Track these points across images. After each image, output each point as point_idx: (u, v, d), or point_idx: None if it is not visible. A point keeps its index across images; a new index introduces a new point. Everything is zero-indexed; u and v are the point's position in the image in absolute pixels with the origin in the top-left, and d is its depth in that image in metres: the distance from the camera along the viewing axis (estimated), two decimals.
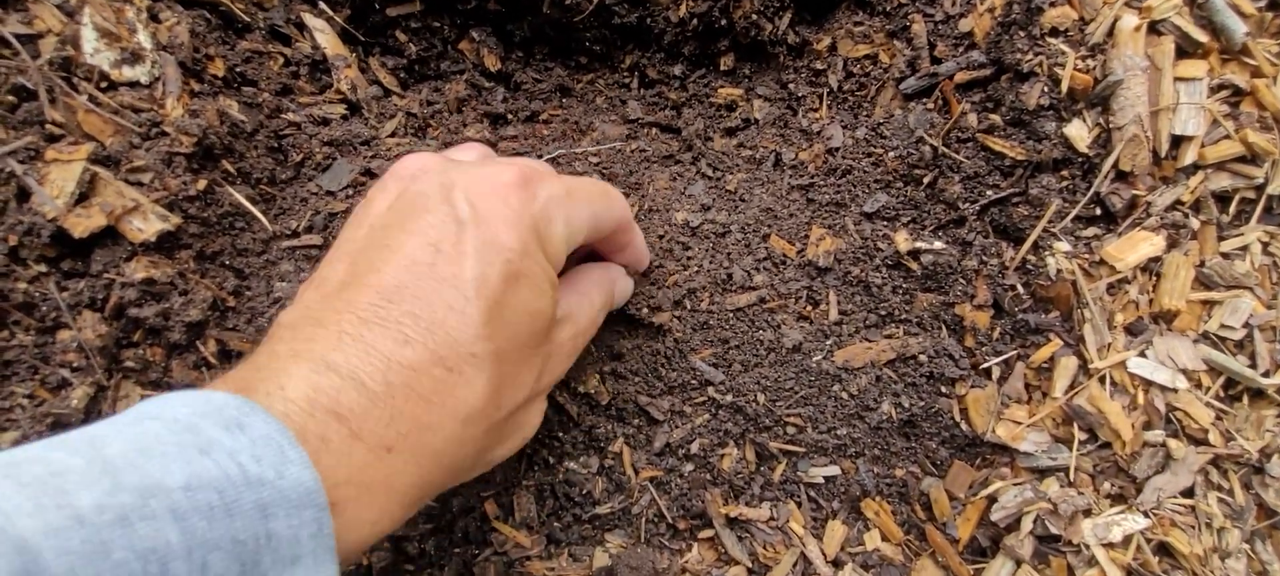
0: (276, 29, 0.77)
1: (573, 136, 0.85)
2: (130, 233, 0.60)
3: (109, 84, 0.63)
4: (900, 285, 0.69)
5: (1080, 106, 0.62)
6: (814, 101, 0.78)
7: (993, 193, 0.66)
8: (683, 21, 0.79)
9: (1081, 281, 0.62)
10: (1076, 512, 0.60)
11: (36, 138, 0.59)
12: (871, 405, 0.68)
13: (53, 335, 0.60)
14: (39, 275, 0.59)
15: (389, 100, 0.81)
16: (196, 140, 0.64)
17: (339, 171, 0.75)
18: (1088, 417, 0.61)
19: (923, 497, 0.67)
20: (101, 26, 0.63)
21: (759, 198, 0.76)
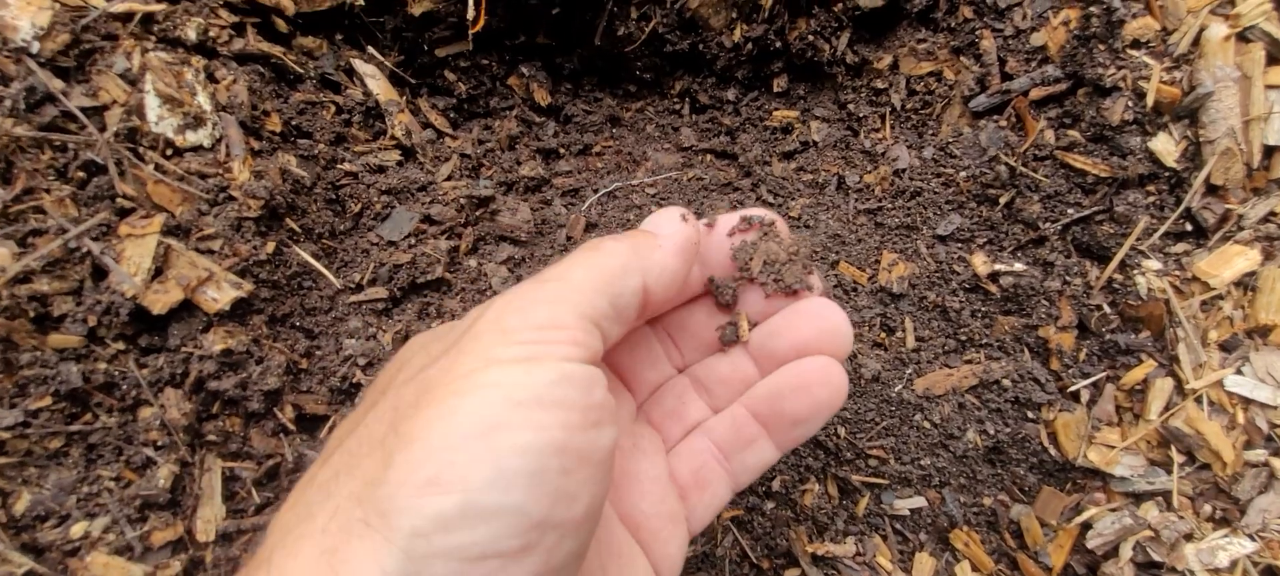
0: (327, 77, 0.76)
1: (627, 167, 0.84)
2: (205, 303, 0.60)
3: (174, 150, 0.62)
4: (979, 309, 0.68)
5: (1166, 120, 0.61)
6: (876, 122, 0.77)
7: (1075, 211, 0.64)
8: (737, 45, 0.78)
9: (1174, 299, 0.61)
10: (1179, 538, 0.59)
11: (108, 213, 0.58)
12: (955, 433, 0.67)
13: (135, 413, 0.59)
14: (118, 353, 0.58)
15: (442, 143, 0.80)
16: (264, 203, 0.63)
17: (399, 220, 0.75)
18: (1186, 439, 0.60)
19: (1013, 526, 0.66)
20: (164, 92, 0.62)
21: (825, 223, 0.75)
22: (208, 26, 0.66)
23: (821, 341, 0.40)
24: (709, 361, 0.45)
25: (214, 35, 0.67)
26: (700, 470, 0.42)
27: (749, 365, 0.43)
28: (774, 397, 0.41)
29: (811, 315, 0.41)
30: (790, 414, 0.41)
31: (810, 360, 0.40)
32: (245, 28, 0.69)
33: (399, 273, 0.72)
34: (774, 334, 0.42)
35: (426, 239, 0.74)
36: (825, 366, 0.40)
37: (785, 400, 0.41)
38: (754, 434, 0.42)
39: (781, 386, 0.41)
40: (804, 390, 0.40)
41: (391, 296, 0.71)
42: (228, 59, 0.68)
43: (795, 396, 0.40)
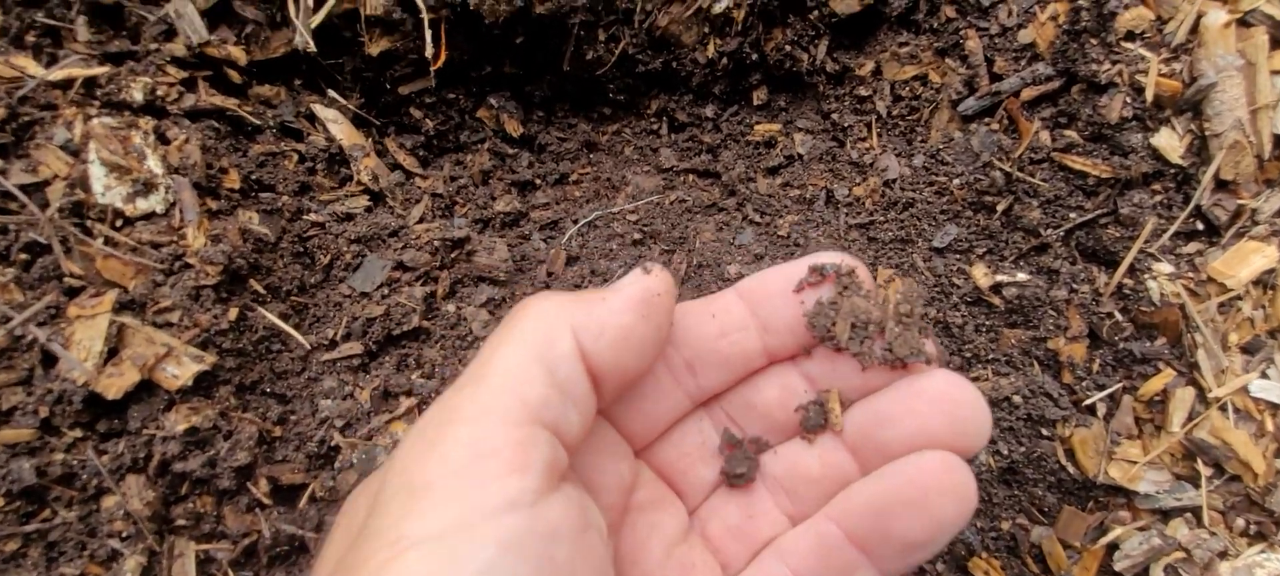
0: (287, 125, 0.73)
1: (606, 194, 0.81)
2: (165, 381, 0.56)
3: (124, 221, 0.59)
4: (983, 323, 0.65)
5: (1168, 114, 0.57)
6: (861, 131, 0.73)
7: (1077, 215, 0.61)
8: (712, 61, 0.75)
9: (1189, 303, 0.57)
10: (1213, 557, 0.55)
11: (56, 294, 0.55)
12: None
13: (97, 503, 0.56)
14: (75, 442, 0.55)
15: (412, 183, 0.77)
16: (222, 268, 0.60)
17: (370, 269, 0.71)
18: (1212, 451, 0.57)
19: (1034, 549, 0.63)
20: (109, 160, 0.58)
21: (815, 240, 0.72)
22: (155, 85, 0.63)
23: (949, 432, 0.29)
24: (788, 451, 0.34)
25: (163, 94, 0.63)
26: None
27: (845, 457, 0.33)
28: (879, 513, 0.30)
29: (933, 396, 0.30)
30: (902, 536, 0.30)
31: (927, 459, 0.29)
32: (196, 82, 0.66)
33: (373, 325, 0.68)
34: (882, 420, 0.31)
35: (400, 287, 0.70)
36: (947, 468, 0.29)
37: (895, 517, 0.30)
38: (852, 561, 0.31)
39: (889, 497, 0.30)
40: (920, 504, 0.29)
41: (367, 351, 0.68)
42: (179, 117, 0.65)
43: (909, 513, 0.29)
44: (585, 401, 0.29)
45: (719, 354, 0.33)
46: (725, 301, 0.34)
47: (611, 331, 0.29)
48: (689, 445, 0.35)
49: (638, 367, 0.31)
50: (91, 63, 0.61)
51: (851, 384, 0.33)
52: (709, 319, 0.33)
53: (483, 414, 0.25)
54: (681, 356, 0.34)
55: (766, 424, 0.35)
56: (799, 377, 0.34)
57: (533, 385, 0.26)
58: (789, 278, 0.33)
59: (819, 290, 0.33)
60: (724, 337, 0.33)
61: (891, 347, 0.31)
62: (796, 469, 0.34)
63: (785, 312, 0.33)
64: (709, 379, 0.34)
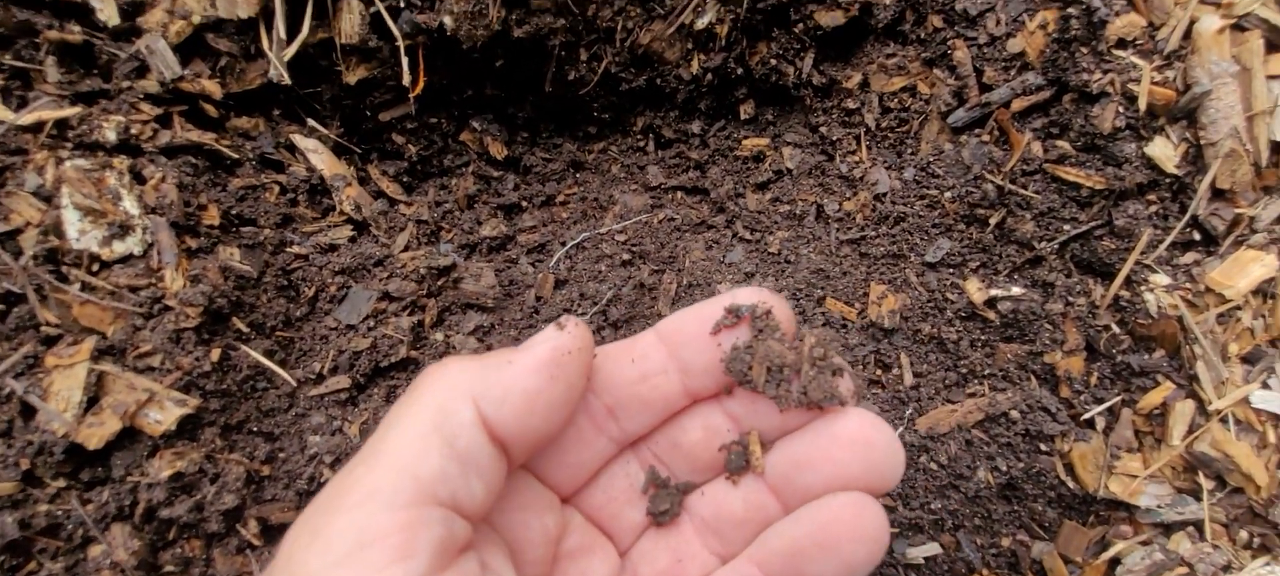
0: (267, 157, 0.72)
1: (594, 215, 0.80)
2: (148, 427, 0.56)
3: (101, 265, 0.58)
4: (978, 338, 0.64)
5: (1162, 123, 0.56)
6: (850, 144, 0.72)
7: (1071, 227, 0.60)
8: (696, 77, 0.74)
9: (1187, 314, 0.56)
10: (1216, 571, 0.54)
11: (33, 344, 0.54)
12: (965, 473, 0.63)
13: (84, 552, 0.55)
14: (59, 492, 0.54)
15: (396, 211, 0.76)
16: (203, 309, 0.59)
17: (356, 301, 0.70)
18: (1214, 463, 0.56)
19: (1036, 565, 0.62)
20: (83, 204, 0.57)
21: (806, 257, 0.70)
22: (129, 123, 0.62)
23: (864, 473, 0.30)
24: (714, 492, 0.34)
25: (137, 132, 0.62)
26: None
27: (768, 498, 0.33)
28: (792, 557, 0.31)
29: (848, 438, 0.30)
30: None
31: (840, 503, 0.30)
32: (171, 118, 0.65)
33: (361, 358, 0.67)
34: (800, 463, 0.32)
35: (386, 318, 0.70)
36: (858, 511, 0.30)
37: (809, 560, 0.30)
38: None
39: (802, 541, 0.30)
40: (832, 548, 0.29)
41: (355, 384, 0.67)
42: (154, 154, 0.63)
43: (821, 555, 0.30)
44: (491, 469, 0.28)
45: (640, 398, 0.33)
46: (644, 344, 0.34)
47: (516, 396, 0.28)
48: (617, 489, 0.35)
49: (547, 429, 0.30)
50: (62, 104, 0.59)
51: (772, 424, 0.33)
52: (629, 364, 0.33)
53: (368, 498, 0.24)
54: (603, 402, 0.33)
55: (692, 463, 0.35)
56: (722, 416, 0.34)
57: (427, 460, 0.25)
58: (706, 319, 0.33)
59: (735, 332, 0.33)
60: (645, 382, 0.33)
61: (806, 391, 0.32)
62: (722, 510, 0.34)
63: (703, 356, 0.33)
64: (632, 423, 0.34)
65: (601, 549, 0.35)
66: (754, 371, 0.32)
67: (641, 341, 0.34)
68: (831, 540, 0.30)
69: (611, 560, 0.35)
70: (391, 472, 0.25)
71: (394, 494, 0.24)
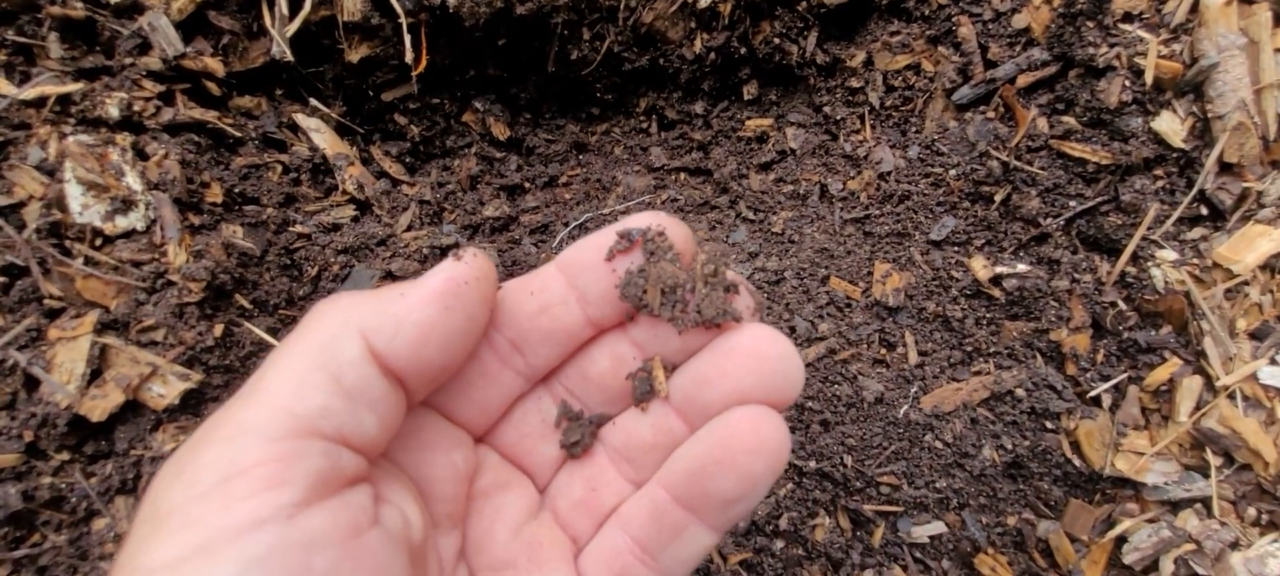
0: (269, 136, 0.72)
1: (596, 196, 0.79)
2: (151, 401, 0.56)
3: (104, 239, 0.58)
4: (984, 316, 0.63)
5: (1169, 97, 0.56)
6: (854, 123, 0.72)
7: (1077, 203, 0.59)
8: (699, 57, 0.73)
9: (1194, 289, 0.56)
10: (1224, 548, 0.54)
11: (36, 317, 0.54)
12: (970, 451, 0.62)
13: (87, 525, 0.55)
14: (63, 464, 0.54)
15: (399, 191, 0.76)
16: (205, 284, 0.59)
17: (359, 280, 0.70)
18: (1221, 440, 0.55)
19: (1041, 544, 0.61)
20: (86, 179, 0.57)
21: (810, 237, 0.70)
22: (131, 100, 0.62)
23: (761, 386, 0.30)
24: (625, 421, 0.34)
25: (139, 109, 0.62)
26: (622, 575, 0.33)
27: (675, 421, 0.33)
28: (695, 476, 0.31)
29: (744, 353, 0.30)
30: (718, 494, 0.30)
31: (737, 417, 0.30)
32: (174, 96, 0.65)
33: None
34: (701, 382, 0.31)
35: None
36: (755, 424, 0.30)
37: (709, 478, 0.30)
38: (681, 521, 0.32)
39: (701, 458, 0.31)
40: (729, 462, 0.30)
41: None
42: (157, 132, 0.63)
43: (721, 471, 0.30)
44: (385, 403, 0.27)
45: (541, 330, 0.33)
46: (543, 277, 0.33)
47: (409, 328, 0.27)
48: (530, 425, 0.35)
49: (446, 362, 0.30)
50: (65, 80, 0.59)
51: (674, 347, 0.33)
52: (528, 296, 0.33)
53: (239, 432, 0.24)
54: (506, 337, 0.33)
55: (604, 394, 0.35)
56: (628, 345, 0.34)
57: (308, 397, 0.25)
58: (601, 247, 0.32)
59: (629, 257, 0.32)
60: (545, 313, 0.32)
61: (700, 309, 0.31)
62: (632, 437, 0.34)
63: (600, 283, 0.32)
64: (538, 356, 0.33)
65: (518, 485, 0.35)
66: (649, 295, 0.31)
67: (541, 274, 0.33)
68: (730, 454, 0.30)
69: (529, 495, 0.35)
70: (267, 409, 0.24)
71: (267, 428, 0.24)
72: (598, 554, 0.34)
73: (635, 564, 0.33)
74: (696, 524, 0.32)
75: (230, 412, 0.25)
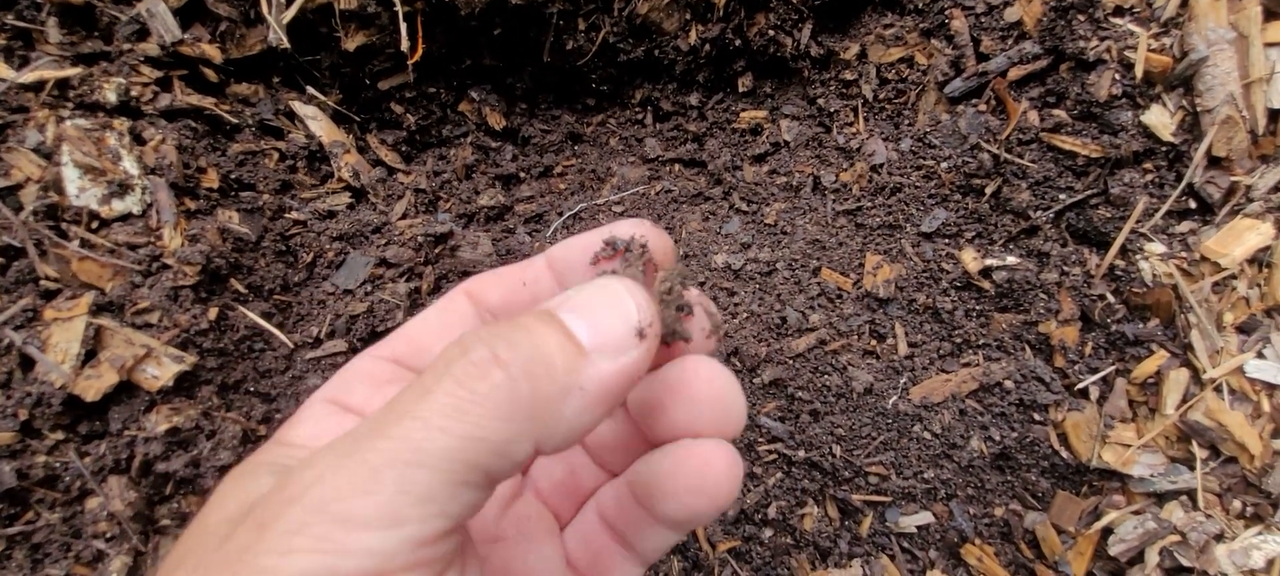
0: (266, 123, 0.72)
1: (591, 186, 0.80)
2: (145, 382, 0.56)
3: (100, 222, 0.59)
4: (973, 308, 0.64)
5: (1159, 90, 0.56)
6: (848, 115, 0.72)
7: (1067, 196, 0.59)
8: (694, 49, 0.74)
9: (1182, 282, 0.56)
10: (1208, 540, 0.54)
11: (32, 297, 0.55)
12: (958, 442, 0.63)
13: (81, 504, 0.56)
14: (57, 444, 0.55)
15: (394, 179, 0.76)
16: (201, 268, 0.60)
17: (353, 266, 0.71)
18: (1207, 433, 0.55)
19: (1028, 535, 0.62)
20: (83, 162, 0.58)
21: (803, 228, 0.71)
22: (129, 85, 0.62)
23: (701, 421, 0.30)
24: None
25: (137, 94, 0.63)
26: (599, 555, 0.34)
27: (635, 430, 0.34)
28: (650, 492, 0.32)
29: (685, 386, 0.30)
30: (668, 516, 0.31)
31: (684, 451, 0.30)
32: (171, 82, 0.66)
33: (357, 322, 0.68)
34: (649, 408, 0.32)
35: (384, 283, 0.70)
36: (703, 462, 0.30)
37: (660, 499, 0.31)
38: (644, 519, 0.33)
39: (657, 480, 0.31)
40: (674, 496, 0.30)
41: (351, 348, 0.67)
42: (154, 117, 0.64)
43: (666, 499, 0.31)
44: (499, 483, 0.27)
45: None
46: (536, 269, 0.34)
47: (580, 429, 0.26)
48: None
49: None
50: (63, 64, 0.60)
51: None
52: (521, 286, 0.34)
53: (416, 461, 0.22)
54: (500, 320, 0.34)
55: None
56: None
57: (457, 488, 0.23)
58: (588, 248, 0.33)
59: (612, 264, 0.32)
60: (535, 304, 0.32)
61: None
62: (597, 436, 0.35)
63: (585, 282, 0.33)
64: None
65: None
66: None
67: (533, 264, 0.34)
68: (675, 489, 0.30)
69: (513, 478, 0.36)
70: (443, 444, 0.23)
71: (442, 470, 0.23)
72: (579, 531, 0.35)
73: (611, 543, 0.34)
74: (656, 525, 0.33)
75: (404, 428, 0.23)
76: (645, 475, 0.32)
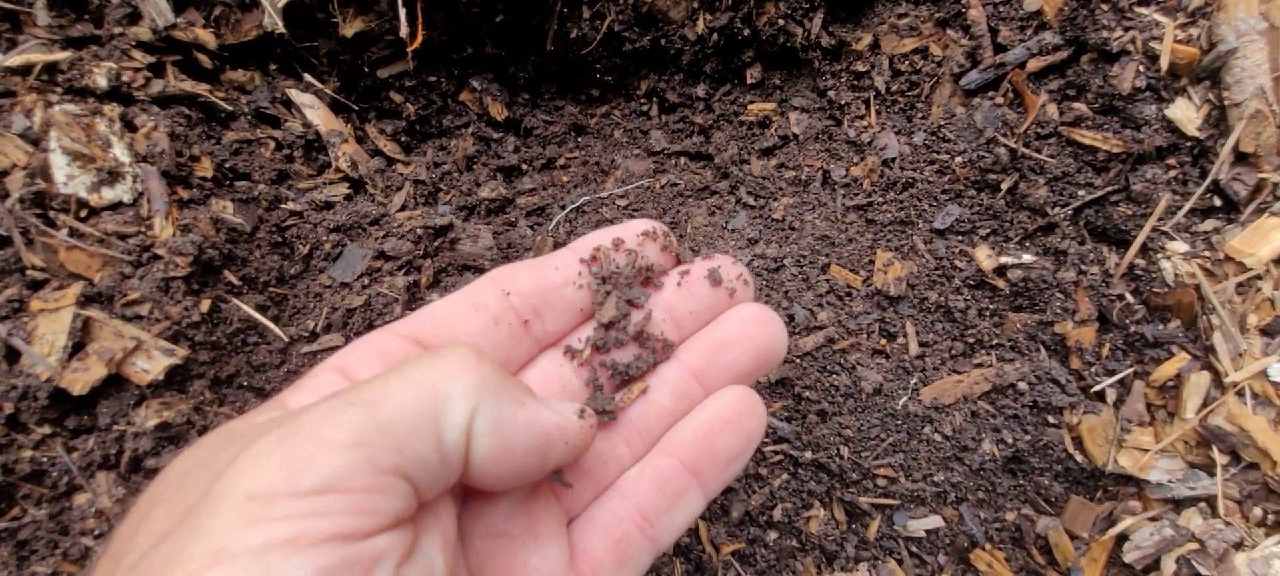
0: (262, 111, 0.70)
1: (595, 179, 0.78)
2: (135, 375, 0.55)
3: (89, 211, 0.57)
4: (986, 307, 0.62)
5: (1184, 83, 0.54)
6: (859, 108, 0.70)
7: (1086, 192, 0.58)
8: (701, 38, 0.72)
9: (1205, 283, 0.54)
10: (1228, 548, 0.53)
11: (18, 287, 0.53)
12: (969, 445, 0.61)
13: (69, 500, 0.54)
14: (44, 438, 0.53)
15: (393, 170, 0.74)
16: (192, 259, 0.58)
17: (350, 259, 0.69)
18: (1228, 438, 0.54)
19: (1040, 540, 0.60)
20: (72, 149, 0.56)
21: (811, 224, 0.69)
22: (120, 70, 0.61)
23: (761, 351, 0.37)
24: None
25: (128, 79, 0.61)
26: (622, 542, 0.35)
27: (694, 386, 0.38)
28: (702, 438, 0.36)
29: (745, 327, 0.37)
30: (724, 453, 0.36)
31: (730, 393, 0.36)
32: (164, 67, 0.64)
33: (354, 316, 0.66)
34: (722, 345, 0.37)
35: (382, 277, 0.68)
36: (748, 395, 0.37)
37: (717, 436, 0.36)
38: (684, 485, 0.36)
39: (710, 423, 0.36)
40: (736, 422, 0.36)
41: (348, 342, 0.66)
42: (146, 103, 0.62)
43: (728, 430, 0.36)
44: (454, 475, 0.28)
45: (564, 299, 0.38)
46: (564, 258, 0.39)
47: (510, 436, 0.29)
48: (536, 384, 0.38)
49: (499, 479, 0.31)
50: (52, 48, 0.58)
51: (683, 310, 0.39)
52: (553, 271, 0.38)
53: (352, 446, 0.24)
54: (530, 304, 0.37)
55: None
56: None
57: (419, 445, 0.26)
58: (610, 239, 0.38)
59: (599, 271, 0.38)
60: (567, 286, 0.38)
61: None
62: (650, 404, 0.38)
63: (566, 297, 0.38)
64: (555, 323, 0.38)
65: None
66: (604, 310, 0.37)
67: (561, 255, 0.39)
68: (737, 416, 0.36)
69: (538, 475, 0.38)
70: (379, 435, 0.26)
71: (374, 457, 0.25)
72: (598, 521, 0.36)
73: (634, 531, 0.36)
74: (695, 488, 0.37)
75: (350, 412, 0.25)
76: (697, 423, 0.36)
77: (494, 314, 0.35)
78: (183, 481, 0.27)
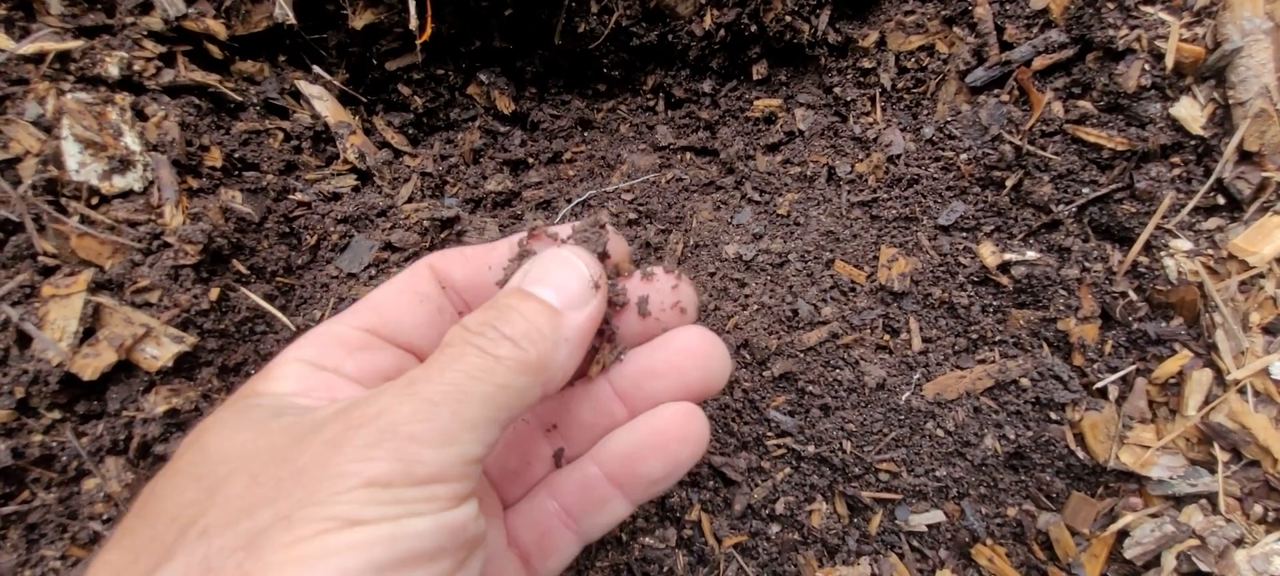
0: (271, 102, 0.71)
1: (601, 173, 0.78)
2: (145, 362, 0.55)
3: (100, 198, 0.57)
4: (990, 303, 0.62)
5: (1189, 82, 0.54)
6: (865, 104, 0.70)
7: (1090, 190, 0.58)
8: (709, 33, 0.72)
9: (1208, 281, 0.54)
10: (1228, 544, 0.53)
11: (30, 273, 0.54)
12: (972, 440, 0.61)
13: (78, 484, 0.55)
14: (54, 423, 0.54)
15: (401, 162, 0.75)
16: (202, 247, 0.58)
17: (358, 250, 0.69)
18: (1230, 435, 0.54)
19: (1041, 536, 0.60)
20: (83, 136, 0.57)
21: (816, 219, 0.69)
22: (131, 60, 0.61)
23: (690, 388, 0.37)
24: (565, 397, 0.40)
25: (139, 69, 0.61)
26: (545, 536, 0.39)
27: (618, 406, 0.39)
28: (630, 458, 0.38)
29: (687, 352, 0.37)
30: (647, 475, 0.38)
31: (669, 411, 0.37)
32: (175, 57, 0.64)
33: None
34: (649, 374, 0.38)
35: (388, 267, 0.69)
36: (685, 419, 0.37)
37: (643, 460, 0.37)
38: (607, 494, 0.39)
39: (640, 443, 0.37)
40: (662, 449, 0.37)
41: None
42: (157, 93, 0.63)
43: (653, 456, 0.37)
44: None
45: (494, 292, 0.38)
46: (500, 251, 0.39)
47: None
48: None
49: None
50: (65, 37, 0.59)
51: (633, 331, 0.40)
52: (485, 270, 0.39)
53: (445, 443, 0.27)
54: (464, 298, 0.38)
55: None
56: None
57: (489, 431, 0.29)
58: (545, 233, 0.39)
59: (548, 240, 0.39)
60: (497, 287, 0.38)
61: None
62: (575, 416, 0.40)
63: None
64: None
65: None
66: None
67: (500, 247, 0.39)
68: (663, 442, 0.37)
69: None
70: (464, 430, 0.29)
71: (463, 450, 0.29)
72: (526, 514, 0.39)
73: (559, 526, 0.39)
74: (619, 497, 0.39)
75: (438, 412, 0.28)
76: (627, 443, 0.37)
77: (436, 305, 0.38)
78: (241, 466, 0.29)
